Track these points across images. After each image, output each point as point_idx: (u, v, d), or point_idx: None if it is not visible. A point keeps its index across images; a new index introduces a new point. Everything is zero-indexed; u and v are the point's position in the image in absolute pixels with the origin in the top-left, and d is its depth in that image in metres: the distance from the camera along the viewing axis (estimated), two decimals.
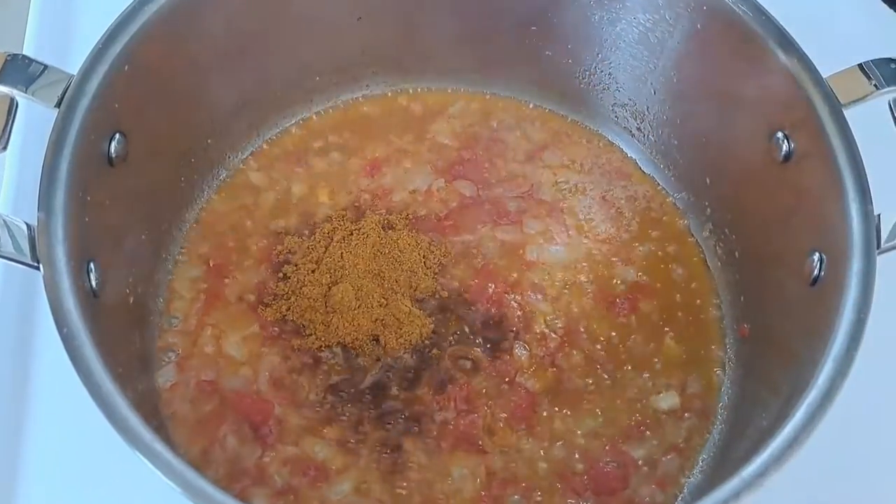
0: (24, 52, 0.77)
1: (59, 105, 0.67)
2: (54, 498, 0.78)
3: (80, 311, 0.60)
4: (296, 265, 0.86)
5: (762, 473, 0.57)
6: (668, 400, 0.82)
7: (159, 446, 0.56)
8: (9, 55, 0.66)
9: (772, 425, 0.63)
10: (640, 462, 0.79)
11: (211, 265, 0.87)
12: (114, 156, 0.71)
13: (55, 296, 0.60)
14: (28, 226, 0.62)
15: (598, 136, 0.97)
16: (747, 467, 0.57)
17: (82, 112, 0.67)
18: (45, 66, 0.67)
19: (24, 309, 0.83)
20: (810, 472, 0.65)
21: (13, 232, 0.61)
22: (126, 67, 0.71)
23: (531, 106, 0.99)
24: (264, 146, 0.94)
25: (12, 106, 0.63)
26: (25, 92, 0.65)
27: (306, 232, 0.89)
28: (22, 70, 0.66)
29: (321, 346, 0.82)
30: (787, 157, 0.75)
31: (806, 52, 0.74)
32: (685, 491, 0.78)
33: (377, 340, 0.83)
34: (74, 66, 0.69)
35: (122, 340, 0.74)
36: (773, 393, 0.71)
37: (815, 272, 0.70)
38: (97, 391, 0.57)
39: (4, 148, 0.61)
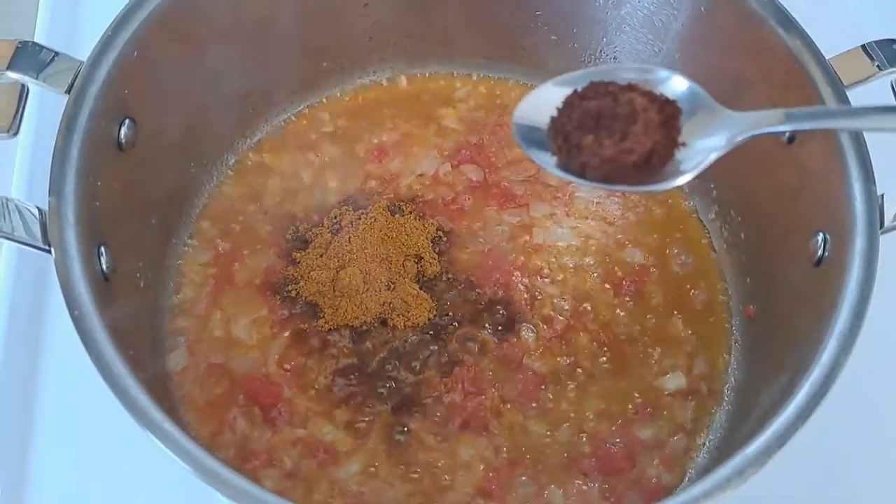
0: (36, 40, 0.78)
1: (69, 91, 0.67)
2: (66, 480, 0.80)
3: (91, 295, 0.61)
4: (304, 249, 0.87)
5: (766, 451, 0.57)
6: (674, 381, 0.82)
7: (170, 427, 0.57)
8: (20, 42, 0.66)
9: (776, 403, 0.63)
10: (646, 443, 0.79)
11: (220, 250, 0.88)
12: (123, 141, 0.72)
13: (66, 279, 0.61)
14: (39, 210, 0.63)
15: None
16: (751, 445, 0.57)
17: (92, 98, 0.68)
18: (56, 53, 0.68)
19: (37, 292, 0.85)
20: (816, 449, 0.66)
21: (24, 217, 0.62)
22: (135, 54, 0.72)
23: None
24: (272, 131, 0.95)
25: (23, 92, 0.64)
26: (36, 78, 0.66)
27: (314, 216, 0.89)
28: (33, 57, 0.67)
29: (329, 330, 0.82)
30: (792, 138, 0.75)
31: (808, 32, 0.74)
32: (692, 471, 0.79)
33: (385, 323, 0.83)
34: (85, 53, 0.70)
35: (133, 324, 0.75)
36: (778, 372, 0.72)
37: (820, 252, 0.70)
38: (108, 373, 0.58)
39: (16, 133, 0.62)
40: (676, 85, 0.65)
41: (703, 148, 0.62)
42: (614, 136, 0.60)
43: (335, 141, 0.95)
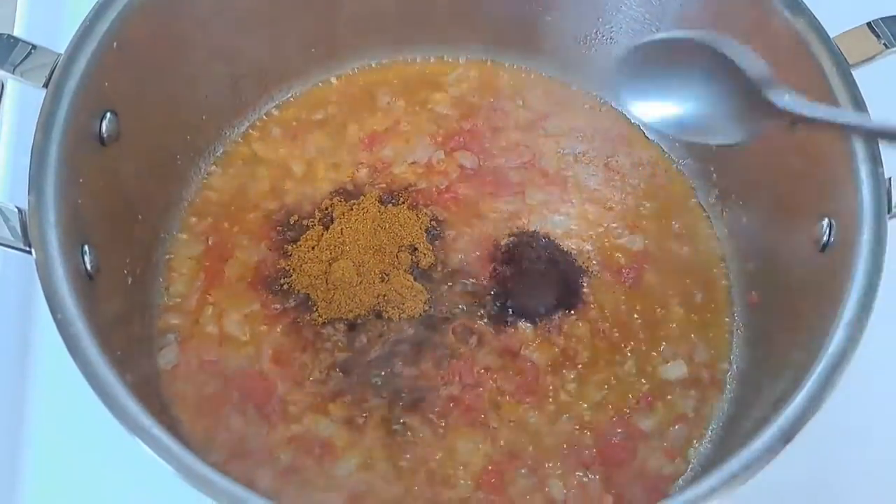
0: (15, 32, 0.76)
1: (46, 85, 0.65)
2: (56, 485, 0.78)
3: (74, 296, 0.59)
4: (296, 242, 0.85)
5: (773, 444, 0.56)
6: (675, 369, 0.81)
7: (158, 431, 0.55)
8: None
9: (782, 394, 0.62)
10: (648, 433, 0.78)
11: (210, 243, 0.86)
12: (105, 135, 0.70)
13: (49, 281, 0.59)
14: (19, 209, 0.61)
15: (601, 103, 0.95)
16: (758, 439, 0.56)
17: (71, 92, 0.66)
18: (33, 46, 0.66)
19: (22, 293, 0.83)
20: (822, 441, 0.64)
21: (5, 216, 0.60)
22: (115, 45, 0.69)
23: (532, 73, 0.97)
24: (261, 121, 0.93)
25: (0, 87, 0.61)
26: (13, 72, 0.64)
27: (305, 208, 0.87)
28: (8, 50, 0.65)
29: (323, 323, 0.81)
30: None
31: (812, 10, 0.72)
32: (694, 461, 0.77)
33: (380, 316, 0.82)
34: (65, 47, 0.68)
35: (121, 323, 0.73)
36: (782, 361, 0.70)
37: (825, 238, 0.69)
38: (94, 377, 0.56)
39: None
40: None
41: None
42: None
43: (325, 129, 0.92)
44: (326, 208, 0.87)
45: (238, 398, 0.78)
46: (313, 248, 0.84)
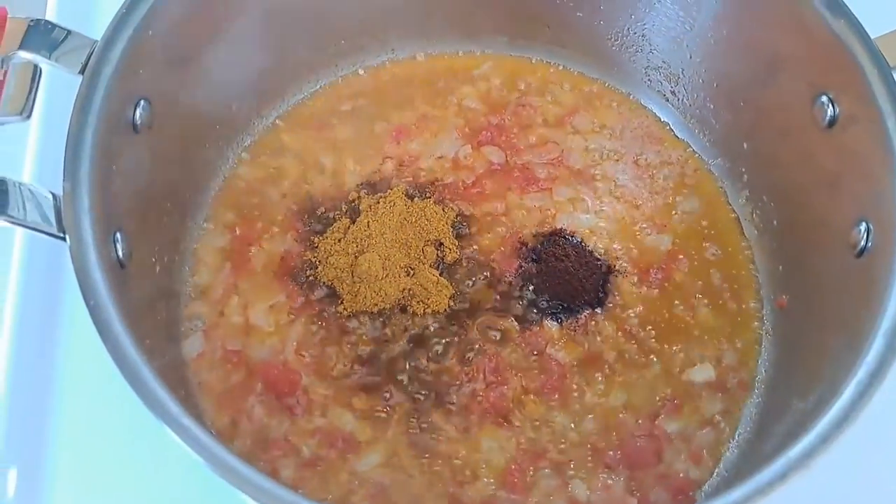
0: (47, 18, 0.76)
1: (82, 71, 0.65)
2: (83, 471, 0.78)
3: (107, 283, 0.59)
4: (322, 234, 0.85)
5: (808, 454, 0.55)
6: (703, 372, 0.80)
7: (186, 420, 0.55)
8: (31, 21, 0.64)
9: (815, 403, 0.61)
10: (673, 436, 0.77)
11: (237, 233, 0.86)
12: (138, 123, 0.70)
13: (82, 267, 0.59)
14: (54, 195, 0.61)
15: (630, 100, 0.95)
16: (793, 448, 0.55)
17: (106, 78, 0.66)
18: (69, 32, 0.66)
19: (51, 279, 0.83)
20: (856, 451, 0.63)
21: (39, 202, 0.60)
22: (150, 32, 0.69)
23: (561, 69, 0.96)
24: (290, 111, 0.93)
25: (36, 73, 0.61)
26: (49, 58, 0.64)
27: (332, 200, 0.87)
28: (45, 36, 0.65)
29: (348, 316, 0.81)
30: (832, 121, 0.72)
31: (853, 11, 0.71)
32: (721, 466, 0.77)
33: (404, 310, 0.81)
34: (98, 32, 0.68)
35: (149, 311, 0.73)
36: (814, 369, 0.70)
37: (862, 243, 0.67)
38: (125, 363, 0.56)
39: (28, 116, 0.60)
40: None
41: None
42: None
43: (353, 121, 0.92)
44: (353, 201, 0.86)
45: (261, 389, 0.78)
46: (339, 240, 0.84)
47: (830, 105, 0.72)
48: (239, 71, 0.85)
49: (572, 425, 0.77)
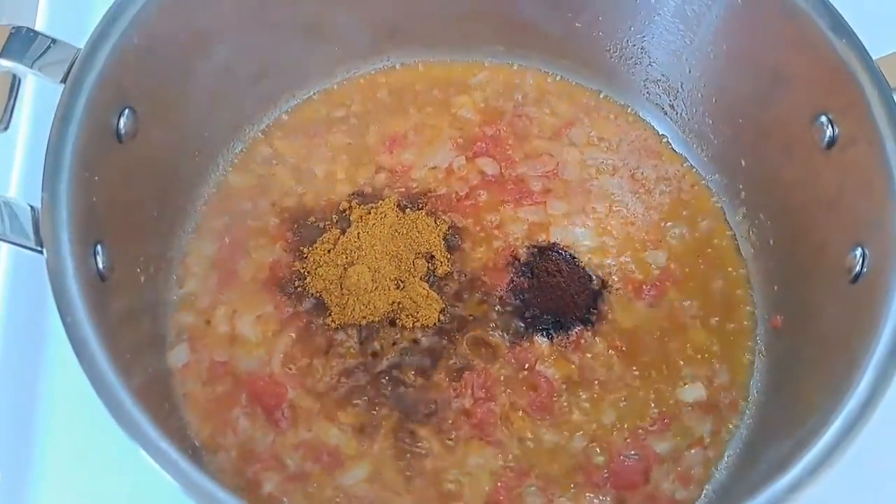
0: (37, 26, 0.74)
1: (65, 80, 0.64)
2: (67, 490, 0.77)
3: (85, 298, 0.58)
4: (312, 244, 0.83)
5: (795, 487, 0.54)
6: (693, 392, 0.79)
7: (163, 443, 0.54)
8: (13, 28, 0.63)
9: (807, 430, 0.59)
10: (662, 456, 0.76)
11: (226, 241, 0.84)
12: (123, 132, 0.69)
13: (59, 282, 0.58)
14: (32, 208, 0.60)
15: (628, 113, 0.93)
16: (779, 479, 0.54)
17: (89, 87, 0.65)
18: (52, 40, 0.65)
19: (35, 292, 0.81)
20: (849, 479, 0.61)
21: (16, 214, 0.59)
22: (135, 40, 0.68)
23: (558, 79, 0.95)
24: (282, 118, 0.91)
25: (14, 83, 0.60)
26: (31, 67, 0.63)
27: (323, 210, 0.86)
28: (27, 44, 0.63)
29: (336, 329, 0.80)
30: (831, 142, 0.71)
31: (855, 30, 0.69)
32: (709, 487, 0.76)
33: (393, 323, 0.80)
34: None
35: (133, 322, 0.72)
36: (805, 392, 0.69)
37: (857, 268, 0.66)
38: (100, 383, 0.55)
39: (6, 128, 0.58)
40: None
41: None
42: None
43: (346, 129, 0.91)
44: (344, 210, 0.85)
45: (247, 401, 0.77)
46: (329, 251, 0.82)
47: (830, 125, 0.71)
48: (230, 77, 0.84)
49: (560, 443, 0.76)
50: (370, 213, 0.84)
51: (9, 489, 0.76)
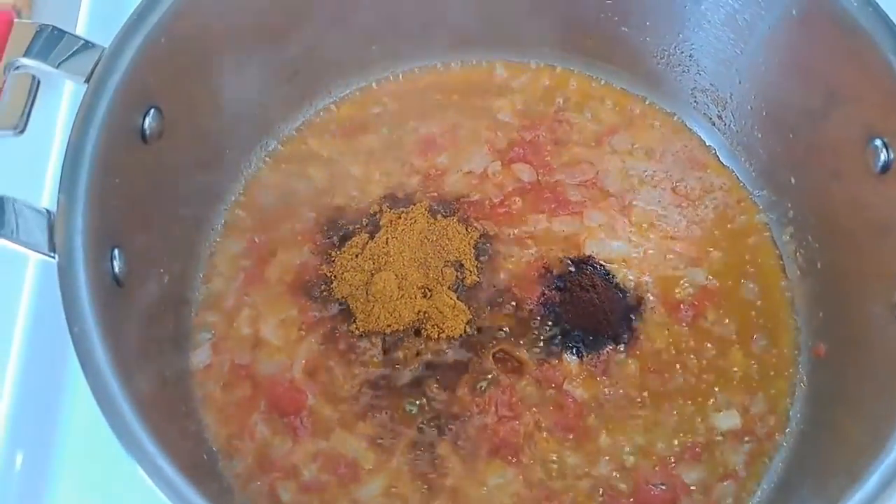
0: (78, 28, 0.73)
1: (89, 80, 0.63)
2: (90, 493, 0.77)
3: (95, 307, 0.57)
4: (340, 247, 0.82)
5: None
6: (728, 420, 0.76)
7: (161, 460, 0.53)
8: (39, 26, 0.62)
9: (845, 476, 0.56)
10: (691, 486, 0.73)
11: (255, 241, 0.83)
12: (148, 132, 0.68)
13: (69, 290, 0.57)
14: (48, 212, 0.59)
15: (674, 121, 0.89)
16: None
17: (113, 87, 0.64)
18: (77, 39, 0.64)
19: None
20: None
21: (30, 219, 0.58)
22: (162, 40, 0.67)
23: (602, 83, 0.91)
24: (316, 117, 0.90)
25: (33, 85, 0.59)
26: (56, 67, 0.62)
27: (353, 212, 0.84)
28: (52, 43, 0.63)
29: (360, 336, 0.78)
30: (885, 167, 0.66)
31: None
32: None
33: (418, 333, 0.78)
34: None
35: (154, 322, 0.71)
36: (847, 428, 0.65)
37: None
38: (103, 395, 0.54)
39: (22, 130, 0.58)
40: None
41: None
42: None
43: (381, 130, 0.89)
44: (374, 214, 0.84)
45: (266, 406, 0.76)
46: (357, 256, 0.81)
47: (885, 150, 0.66)
48: (263, 75, 0.82)
49: (585, 467, 0.74)
50: (401, 217, 0.82)
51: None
